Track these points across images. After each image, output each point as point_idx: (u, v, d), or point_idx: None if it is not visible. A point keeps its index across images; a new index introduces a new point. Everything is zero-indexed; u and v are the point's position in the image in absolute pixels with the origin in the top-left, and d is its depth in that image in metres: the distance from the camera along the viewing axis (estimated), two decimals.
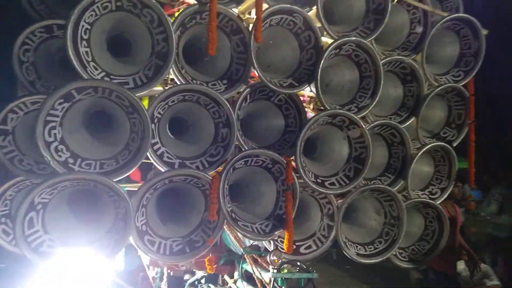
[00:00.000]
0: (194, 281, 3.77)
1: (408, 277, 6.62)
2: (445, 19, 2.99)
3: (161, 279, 3.44)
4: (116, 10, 2.18)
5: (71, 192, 2.26)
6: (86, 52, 2.12)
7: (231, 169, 2.43)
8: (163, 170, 2.29)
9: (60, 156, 2.08)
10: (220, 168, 2.44)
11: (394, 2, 2.90)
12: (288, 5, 2.52)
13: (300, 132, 2.69)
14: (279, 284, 2.51)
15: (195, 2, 2.32)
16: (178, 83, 2.33)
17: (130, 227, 2.15)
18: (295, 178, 2.55)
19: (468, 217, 6.37)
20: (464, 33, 3.18)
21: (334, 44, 2.61)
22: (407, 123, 3.10)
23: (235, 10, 2.54)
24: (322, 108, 3.63)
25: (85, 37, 2.11)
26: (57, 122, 2.07)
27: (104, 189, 2.15)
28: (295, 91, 2.64)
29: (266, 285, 2.58)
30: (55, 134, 2.07)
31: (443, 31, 3.16)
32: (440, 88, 3.08)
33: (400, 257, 3.11)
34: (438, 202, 3.19)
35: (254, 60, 2.40)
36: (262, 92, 2.66)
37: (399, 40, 3.16)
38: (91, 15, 2.10)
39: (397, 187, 3.01)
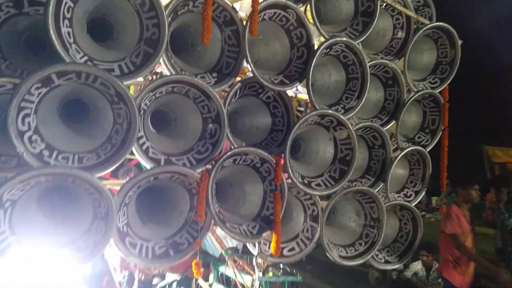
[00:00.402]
0: (164, 286, 3.59)
1: (367, 276, 6.85)
2: (427, 26, 3.09)
3: (129, 284, 3.23)
4: None
5: (44, 189, 2.02)
6: (68, 33, 1.90)
7: (220, 167, 2.31)
8: (148, 167, 2.11)
9: (34, 147, 1.84)
10: (208, 166, 2.31)
11: (383, 6, 2.94)
12: (284, 0, 2.45)
13: (288, 131, 2.64)
14: (263, 287, 2.43)
15: None
16: (168, 73, 2.17)
17: (112, 228, 1.96)
18: (284, 178, 2.49)
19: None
20: (442, 42, 3.30)
21: (326, 44, 2.58)
22: (388, 127, 3.15)
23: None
24: (300, 109, 3.65)
25: (68, 15, 1.89)
26: (32, 109, 1.83)
27: (83, 185, 1.93)
28: (286, 88, 2.58)
29: None
30: (29, 122, 1.83)
31: (422, 38, 3.26)
32: (419, 93, 3.17)
33: (376, 259, 3.15)
34: (413, 204, 3.28)
35: (247, 54, 2.30)
36: (251, 88, 2.57)
37: (382, 44, 3.21)
38: None
39: (377, 190, 3.05)
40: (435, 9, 3.56)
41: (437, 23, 3.15)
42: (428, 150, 3.40)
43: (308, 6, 2.64)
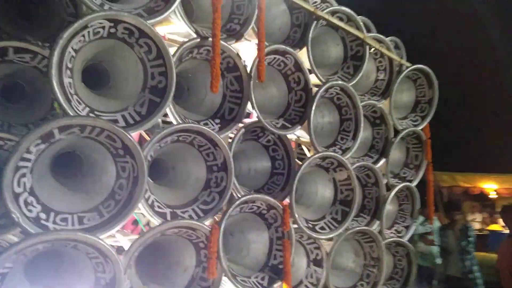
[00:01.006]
0: None
1: None
2: (409, 68, 3.27)
3: None
4: (107, 37, 1.88)
5: (34, 257, 1.79)
6: (70, 83, 1.77)
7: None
8: (156, 223, 1.96)
9: (30, 210, 1.64)
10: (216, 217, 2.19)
11: (371, 51, 3.07)
12: (283, 46, 2.48)
13: (289, 174, 2.60)
14: None
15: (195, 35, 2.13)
16: (174, 122, 2.07)
17: None
18: (291, 224, 2.41)
19: None
20: (420, 82, 3.50)
21: (324, 87, 2.62)
22: (379, 165, 3.22)
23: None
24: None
25: (70, 66, 1.76)
26: (28, 168, 1.65)
27: (85, 250, 1.74)
28: (289, 132, 2.56)
29: None
30: (24, 183, 1.64)
31: (402, 79, 3.43)
32: (405, 131, 3.29)
33: None
34: (406, 239, 3.32)
35: (253, 100, 2.28)
36: (252, 133, 2.52)
37: (367, 85, 3.33)
38: (80, 40, 1.77)
39: (373, 228, 3.06)
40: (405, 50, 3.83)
41: (417, 65, 3.34)
42: (414, 184, 3.51)
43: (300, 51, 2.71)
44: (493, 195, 11.11)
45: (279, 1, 2.74)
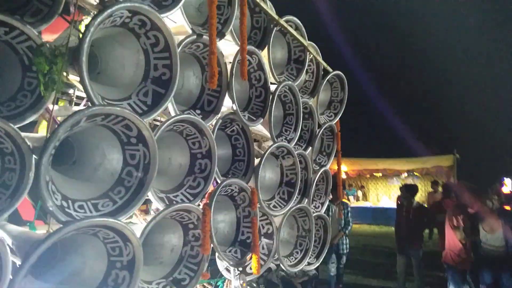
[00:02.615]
0: None
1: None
2: (332, 73, 3.95)
3: None
4: (120, 26, 1.90)
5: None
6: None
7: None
8: (161, 208, 2.09)
9: (56, 199, 1.63)
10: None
11: (311, 57, 3.61)
12: (252, 47, 2.79)
13: (249, 160, 2.95)
14: None
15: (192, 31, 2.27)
16: (173, 112, 2.20)
17: (138, 275, 1.86)
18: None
19: None
20: (335, 85, 4.24)
21: (281, 86, 3.04)
22: (307, 152, 3.83)
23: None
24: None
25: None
26: (52, 155, 1.62)
27: (106, 235, 1.79)
28: (256, 124, 2.90)
29: None
30: (48, 170, 1.61)
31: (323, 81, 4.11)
32: (327, 125, 3.98)
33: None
34: (323, 212, 4.06)
35: (234, 95, 2.54)
36: (223, 124, 2.78)
37: (299, 85, 3.88)
38: (100, 28, 1.76)
39: (304, 205, 3.66)
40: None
41: (336, 72, 4.05)
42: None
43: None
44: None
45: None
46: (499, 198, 5.53)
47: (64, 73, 1.92)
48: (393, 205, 17.36)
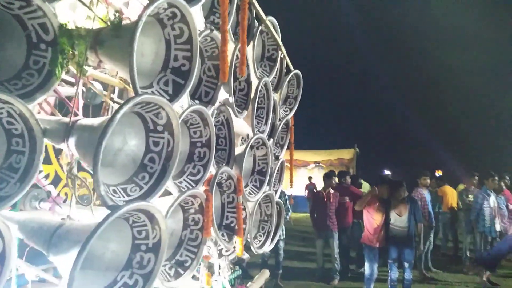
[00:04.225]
0: None
1: None
2: (293, 72, 4.29)
3: None
4: (152, 15, 1.93)
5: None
6: None
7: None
8: (176, 193, 2.18)
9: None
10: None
11: (282, 55, 3.88)
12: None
13: (230, 150, 3.14)
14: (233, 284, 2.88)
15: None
16: (187, 103, 2.28)
17: (163, 256, 1.95)
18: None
19: None
20: (292, 82, 4.60)
21: (262, 81, 3.27)
22: (270, 142, 4.12)
23: None
24: None
25: None
26: None
27: (137, 219, 1.84)
28: (242, 116, 3.08)
29: None
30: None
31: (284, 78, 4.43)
32: (285, 119, 4.33)
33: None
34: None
35: (232, 88, 2.70)
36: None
37: None
38: None
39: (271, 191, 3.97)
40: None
41: (296, 71, 4.40)
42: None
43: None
44: None
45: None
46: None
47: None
48: (301, 193, 18.84)
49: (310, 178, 20.31)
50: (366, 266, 6.24)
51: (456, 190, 9.84)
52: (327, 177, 7.51)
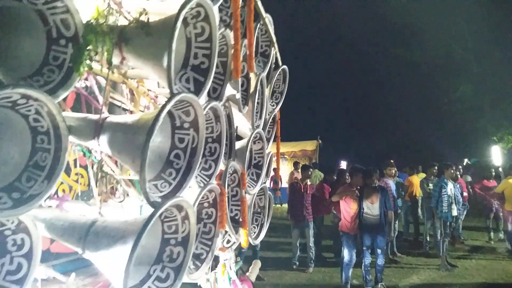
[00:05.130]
0: None
1: None
2: (281, 67, 4.41)
3: None
4: None
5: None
6: None
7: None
8: (198, 189, 2.24)
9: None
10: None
11: (275, 52, 3.97)
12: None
13: (231, 144, 3.22)
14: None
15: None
16: (204, 100, 2.33)
17: (191, 251, 2.01)
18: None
19: None
20: (279, 77, 4.72)
21: (261, 76, 3.36)
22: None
23: None
24: None
25: None
26: None
27: (169, 214, 1.89)
28: (245, 111, 3.15)
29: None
30: None
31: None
32: (273, 114, 4.45)
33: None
34: None
35: (239, 85, 2.77)
36: None
37: None
38: None
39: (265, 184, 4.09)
40: None
41: (284, 66, 4.52)
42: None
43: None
44: None
45: None
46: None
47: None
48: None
49: (274, 169, 20.64)
50: (345, 253, 6.56)
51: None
52: (304, 169, 7.76)
